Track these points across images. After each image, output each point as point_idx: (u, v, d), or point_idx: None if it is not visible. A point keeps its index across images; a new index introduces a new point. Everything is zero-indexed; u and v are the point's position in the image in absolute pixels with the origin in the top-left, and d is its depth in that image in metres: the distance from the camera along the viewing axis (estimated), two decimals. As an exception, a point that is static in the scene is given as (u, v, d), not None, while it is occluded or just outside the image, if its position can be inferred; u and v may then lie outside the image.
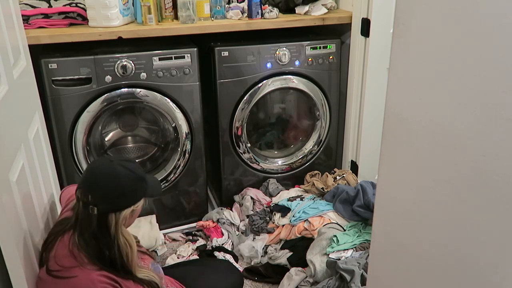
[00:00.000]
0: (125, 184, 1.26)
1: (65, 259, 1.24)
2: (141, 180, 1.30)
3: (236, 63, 2.29)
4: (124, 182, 1.26)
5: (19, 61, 1.55)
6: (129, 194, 1.28)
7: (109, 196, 1.25)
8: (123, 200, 1.27)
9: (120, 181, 1.26)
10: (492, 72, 0.71)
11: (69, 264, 1.23)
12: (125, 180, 1.26)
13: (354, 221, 2.15)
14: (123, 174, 1.26)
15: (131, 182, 1.27)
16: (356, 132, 2.53)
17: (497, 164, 0.73)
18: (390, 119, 0.96)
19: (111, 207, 1.25)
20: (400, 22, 0.88)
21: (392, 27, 0.91)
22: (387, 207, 1.06)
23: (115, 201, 1.26)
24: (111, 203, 1.25)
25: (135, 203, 1.29)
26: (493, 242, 0.77)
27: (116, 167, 1.27)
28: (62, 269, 1.22)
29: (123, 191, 1.26)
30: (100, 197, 1.24)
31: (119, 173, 1.26)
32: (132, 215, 1.31)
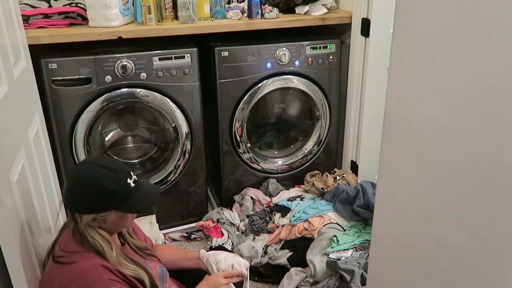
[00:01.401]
0: (82, 191, 1.25)
1: (69, 244, 1.27)
2: (106, 193, 1.24)
3: (236, 63, 2.29)
4: (82, 189, 1.25)
5: (19, 61, 1.55)
6: (89, 203, 1.25)
7: (70, 197, 1.28)
8: (82, 206, 1.26)
9: (80, 186, 1.25)
10: (492, 72, 0.71)
11: (73, 249, 1.25)
12: (84, 188, 1.25)
13: (354, 221, 2.15)
14: (87, 181, 1.24)
15: (90, 192, 1.24)
16: (356, 132, 2.53)
17: (497, 164, 0.73)
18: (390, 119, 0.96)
19: (71, 206, 1.29)
20: (400, 22, 0.88)
21: (392, 27, 0.91)
22: (387, 207, 1.06)
23: (74, 203, 1.28)
24: (71, 203, 1.28)
25: (97, 212, 1.25)
26: (493, 242, 0.77)
27: (86, 172, 1.26)
28: (66, 254, 1.25)
29: (81, 197, 1.25)
30: (65, 193, 1.29)
31: (84, 179, 1.25)
32: (104, 222, 1.28)
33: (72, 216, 1.28)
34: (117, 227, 1.34)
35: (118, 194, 1.26)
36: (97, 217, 1.26)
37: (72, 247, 1.26)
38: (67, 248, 1.26)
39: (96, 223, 1.27)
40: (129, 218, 1.35)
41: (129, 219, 1.35)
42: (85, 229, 1.26)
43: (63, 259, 1.24)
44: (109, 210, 1.27)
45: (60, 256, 1.25)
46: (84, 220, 1.25)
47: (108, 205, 1.26)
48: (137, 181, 1.32)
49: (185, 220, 2.52)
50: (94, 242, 1.26)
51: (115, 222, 1.30)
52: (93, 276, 1.20)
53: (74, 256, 1.24)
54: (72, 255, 1.24)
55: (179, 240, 2.44)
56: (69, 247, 1.26)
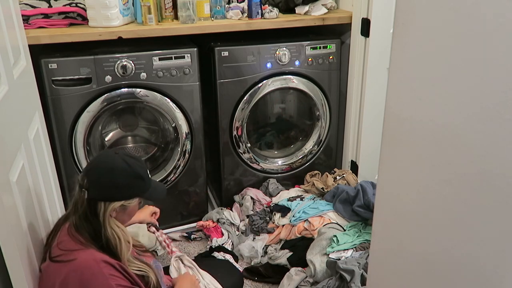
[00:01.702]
0: (118, 177, 1.28)
1: (67, 243, 1.26)
2: (138, 178, 1.31)
3: (236, 63, 2.29)
4: (118, 174, 1.28)
5: (19, 61, 1.55)
6: (121, 188, 1.29)
7: (100, 185, 1.27)
8: (113, 192, 1.28)
9: (115, 172, 1.28)
10: (492, 72, 0.71)
11: (71, 247, 1.25)
12: (120, 174, 1.28)
13: (354, 221, 2.15)
14: (120, 167, 1.28)
15: (126, 177, 1.29)
16: (356, 132, 2.53)
17: (497, 164, 0.73)
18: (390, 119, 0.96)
19: (99, 195, 1.28)
20: (400, 22, 0.88)
21: (392, 27, 0.91)
22: (387, 207, 1.06)
23: (105, 191, 1.28)
24: (100, 192, 1.28)
25: (126, 199, 1.30)
26: (493, 242, 0.77)
27: (116, 159, 1.29)
28: (64, 252, 1.24)
29: (115, 183, 1.28)
30: (92, 183, 1.27)
31: (116, 165, 1.28)
32: (124, 211, 1.33)
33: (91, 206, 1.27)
34: (128, 218, 1.39)
35: (145, 180, 1.33)
36: (124, 204, 1.30)
37: (71, 245, 1.26)
38: (65, 247, 1.25)
39: (115, 213, 1.30)
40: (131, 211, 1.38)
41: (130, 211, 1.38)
42: (106, 219, 1.28)
43: (62, 258, 1.24)
44: (136, 197, 1.33)
45: (58, 255, 1.25)
46: (110, 208, 1.28)
47: (137, 190, 1.32)
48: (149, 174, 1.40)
49: (185, 220, 2.52)
50: (112, 232, 1.29)
51: (132, 212, 1.37)
52: (94, 271, 1.20)
53: (73, 253, 1.23)
54: (71, 253, 1.24)
55: (179, 240, 2.44)
56: (68, 246, 1.26)
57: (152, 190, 1.36)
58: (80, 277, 1.19)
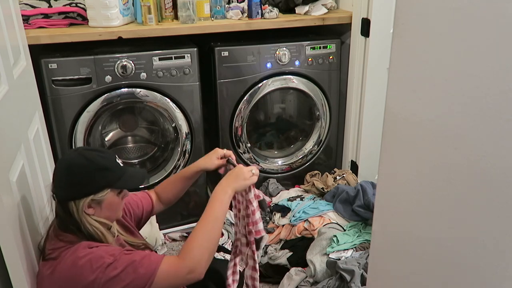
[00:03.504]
0: (77, 174, 1.24)
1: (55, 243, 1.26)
2: (102, 169, 1.25)
3: (236, 63, 2.29)
4: (76, 171, 1.24)
5: (19, 61, 1.55)
6: (83, 184, 1.24)
7: (62, 185, 1.25)
8: (76, 190, 1.24)
9: (72, 169, 1.24)
10: (492, 72, 0.71)
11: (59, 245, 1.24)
12: (78, 170, 1.24)
13: (354, 221, 2.15)
14: (76, 163, 1.24)
15: (85, 171, 1.24)
16: (356, 132, 2.53)
17: (497, 164, 0.73)
18: (390, 119, 0.96)
19: (65, 196, 1.25)
20: (400, 22, 0.88)
21: (392, 27, 0.91)
22: (387, 207, 1.06)
23: (68, 190, 1.24)
24: (64, 192, 1.25)
25: (93, 193, 1.24)
26: (493, 242, 0.77)
27: (73, 157, 1.26)
28: (53, 251, 1.24)
29: (75, 180, 1.24)
30: (56, 185, 1.26)
31: (72, 162, 1.25)
32: (99, 206, 1.27)
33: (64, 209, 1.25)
34: (112, 212, 1.32)
35: (112, 170, 1.27)
36: (94, 199, 1.24)
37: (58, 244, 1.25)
38: (54, 246, 1.25)
39: (91, 210, 1.25)
40: (121, 204, 1.34)
41: (121, 204, 1.35)
42: (83, 217, 1.24)
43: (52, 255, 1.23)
44: (106, 189, 1.26)
45: (48, 254, 1.24)
46: (81, 206, 1.23)
47: (104, 182, 1.26)
48: (124, 162, 1.34)
49: (185, 220, 2.52)
50: (93, 229, 1.25)
51: (111, 206, 1.29)
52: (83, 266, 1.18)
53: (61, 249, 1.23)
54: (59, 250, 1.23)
55: (179, 240, 2.44)
56: (56, 245, 1.25)
57: (126, 178, 1.29)
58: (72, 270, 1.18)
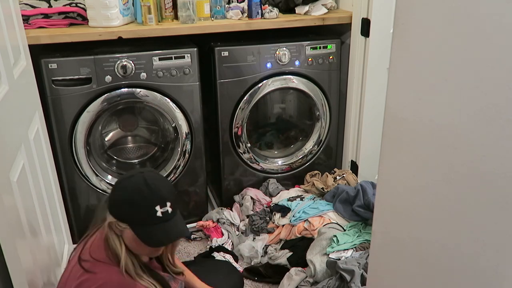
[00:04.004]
0: (117, 193, 1.26)
1: (98, 251, 1.26)
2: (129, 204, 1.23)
3: (236, 63, 2.29)
4: (117, 190, 1.27)
5: (19, 61, 1.55)
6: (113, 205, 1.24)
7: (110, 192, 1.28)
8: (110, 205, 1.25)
9: (118, 187, 1.27)
10: (492, 72, 0.71)
11: (98, 257, 1.24)
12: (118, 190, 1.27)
13: (354, 221, 2.15)
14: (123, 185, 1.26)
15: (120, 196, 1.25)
16: (356, 132, 2.53)
17: (497, 164, 0.73)
18: (390, 119, 0.96)
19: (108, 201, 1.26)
20: (400, 22, 0.88)
21: (392, 27, 0.91)
22: (387, 207, 1.06)
23: (109, 199, 1.26)
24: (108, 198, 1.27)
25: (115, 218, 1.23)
26: (493, 242, 0.77)
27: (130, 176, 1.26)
28: (91, 260, 1.24)
29: (113, 196, 1.26)
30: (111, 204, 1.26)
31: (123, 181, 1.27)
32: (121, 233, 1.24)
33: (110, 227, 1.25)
34: (135, 249, 1.27)
35: (139, 213, 1.21)
36: (114, 224, 1.23)
37: (99, 255, 1.24)
38: (94, 255, 1.24)
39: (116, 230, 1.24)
40: (146, 250, 1.28)
41: (146, 250, 1.28)
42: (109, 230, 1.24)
43: (87, 265, 1.22)
44: (124, 223, 1.22)
45: (85, 261, 1.24)
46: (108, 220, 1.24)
47: (125, 216, 1.23)
48: (168, 214, 1.23)
49: (185, 220, 2.48)
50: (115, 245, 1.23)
51: (131, 242, 1.24)
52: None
53: (97, 265, 1.22)
54: (95, 264, 1.22)
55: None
56: (97, 255, 1.24)
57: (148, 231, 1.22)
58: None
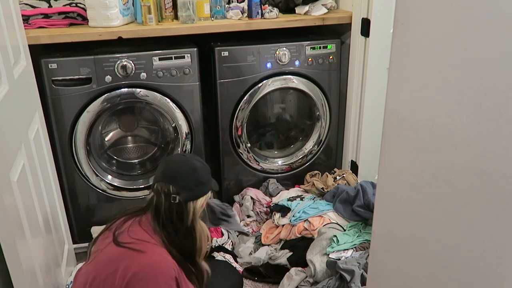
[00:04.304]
0: (201, 175, 1.45)
1: (139, 233, 1.34)
2: (209, 172, 1.51)
3: (236, 63, 2.29)
4: (202, 172, 1.46)
5: (19, 61, 1.55)
6: (204, 184, 1.46)
7: (189, 186, 1.41)
8: (200, 189, 1.44)
9: (198, 172, 1.44)
10: (492, 72, 0.71)
11: (143, 237, 1.33)
12: (202, 171, 1.46)
13: (354, 221, 2.14)
14: (198, 166, 1.45)
15: (205, 173, 1.47)
16: (356, 132, 2.53)
17: (497, 164, 0.73)
18: (390, 119, 0.96)
19: (190, 195, 1.41)
20: (400, 22, 0.88)
21: (392, 27, 0.91)
22: (387, 207, 1.06)
23: (194, 190, 1.42)
24: (190, 192, 1.41)
25: (208, 192, 1.47)
26: (493, 242, 0.77)
27: (192, 161, 1.47)
28: (136, 241, 1.31)
29: (200, 180, 1.44)
30: (181, 186, 1.40)
31: (196, 165, 1.45)
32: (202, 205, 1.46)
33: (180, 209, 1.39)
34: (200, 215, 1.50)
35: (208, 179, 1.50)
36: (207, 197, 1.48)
37: (143, 236, 1.33)
38: (137, 236, 1.32)
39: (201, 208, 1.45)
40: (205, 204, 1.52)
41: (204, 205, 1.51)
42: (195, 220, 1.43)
43: (133, 246, 1.29)
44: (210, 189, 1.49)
45: (129, 242, 1.30)
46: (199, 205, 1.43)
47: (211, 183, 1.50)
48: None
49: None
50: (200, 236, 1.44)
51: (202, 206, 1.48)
52: (163, 270, 1.26)
53: (145, 244, 1.30)
54: (142, 243, 1.30)
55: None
56: (140, 235, 1.33)
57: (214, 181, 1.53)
58: (149, 271, 1.24)
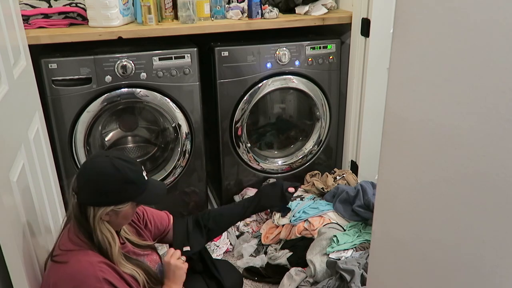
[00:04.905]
0: (106, 183, 1.25)
1: (66, 243, 1.27)
2: (128, 183, 1.26)
3: (236, 63, 2.29)
4: (106, 180, 1.25)
5: (19, 61, 1.55)
6: (109, 194, 1.25)
7: (89, 190, 1.25)
8: (102, 198, 1.25)
9: (103, 178, 1.25)
10: (492, 72, 0.71)
11: (68, 247, 1.25)
12: (108, 179, 1.25)
13: (354, 221, 2.14)
14: (108, 172, 1.24)
15: (114, 182, 1.25)
16: (356, 132, 2.53)
17: (497, 164, 0.73)
18: (390, 119, 0.96)
19: (88, 200, 1.25)
20: (400, 22, 0.88)
21: (392, 27, 0.91)
22: (387, 207, 1.06)
23: (93, 196, 1.25)
24: (89, 196, 1.26)
25: (115, 204, 1.26)
26: (493, 242, 0.77)
27: (105, 164, 1.26)
28: (62, 253, 1.25)
29: (103, 189, 1.25)
30: (80, 187, 1.26)
31: (105, 170, 1.25)
32: (116, 215, 1.29)
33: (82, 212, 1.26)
34: (124, 221, 1.35)
35: (137, 185, 1.29)
36: (115, 209, 1.27)
37: (68, 245, 1.26)
38: (64, 247, 1.26)
39: (108, 216, 1.27)
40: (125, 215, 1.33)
41: (132, 214, 1.35)
42: (97, 224, 1.26)
43: (59, 258, 1.24)
44: (128, 202, 1.28)
45: (56, 255, 1.25)
46: (100, 213, 1.25)
47: (128, 195, 1.28)
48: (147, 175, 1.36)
49: (185, 220, 2.52)
50: (103, 238, 1.27)
51: (127, 215, 1.32)
52: (87, 276, 1.20)
53: (68, 254, 1.24)
54: (66, 254, 1.24)
55: (179, 240, 2.44)
56: (66, 246, 1.26)
57: (146, 194, 1.31)
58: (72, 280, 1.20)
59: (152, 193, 1.34)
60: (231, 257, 2.29)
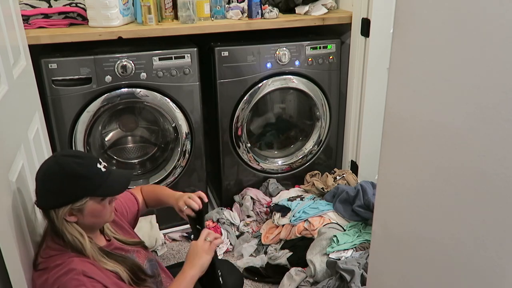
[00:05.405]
0: (50, 181, 1.20)
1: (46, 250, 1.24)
2: (79, 177, 1.20)
3: (236, 63, 2.29)
4: (49, 178, 1.20)
5: (19, 61, 1.55)
6: (61, 193, 1.20)
7: (41, 193, 1.23)
8: (55, 198, 1.20)
9: (46, 177, 1.21)
10: (492, 72, 0.71)
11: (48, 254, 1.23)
12: (51, 177, 1.20)
13: (354, 221, 2.14)
14: (50, 170, 1.20)
15: (58, 180, 1.19)
16: (356, 132, 2.53)
17: (497, 164, 0.73)
18: (390, 119, 0.96)
19: (45, 203, 1.23)
20: (400, 22, 0.88)
21: (392, 27, 0.91)
22: (387, 207, 1.06)
23: (47, 198, 1.22)
24: (43, 199, 1.23)
25: (73, 202, 1.20)
26: (493, 241, 0.77)
27: (48, 163, 1.23)
28: (43, 260, 1.22)
29: (49, 188, 1.20)
30: (36, 192, 1.23)
31: (47, 169, 1.21)
32: (82, 214, 1.23)
33: (47, 216, 1.23)
34: (96, 219, 1.28)
35: (90, 179, 1.21)
36: (74, 208, 1.21)
37: (49, 251, 1.23)
38: (46, 254, 1.23)
39: (73, 217, 1.22)
40: (107, 209, 1.29)
41: (107, 209, 1.29)
42: (63, 225, 1.21)
43: (41, 266, 1.22)
44: (84, 198, 1.21)
45: (39, 263, 1.23)
46: (60, 215, 1.20)
47: (82, 191, 1.21)
48: (107, 167, 1.27)
49: (185, 220, 2.50)
50: (73, 238, 1.22)
51: (94, 212, 1.24)
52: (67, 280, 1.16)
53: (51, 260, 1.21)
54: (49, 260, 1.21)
55: (179, 240, 2.44)
56: (46, 253, 1.23)
57: (107, 186, 1.23)
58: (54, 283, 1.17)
59: (113, 184, 1.26)
60: (231, 257, 2.29)
